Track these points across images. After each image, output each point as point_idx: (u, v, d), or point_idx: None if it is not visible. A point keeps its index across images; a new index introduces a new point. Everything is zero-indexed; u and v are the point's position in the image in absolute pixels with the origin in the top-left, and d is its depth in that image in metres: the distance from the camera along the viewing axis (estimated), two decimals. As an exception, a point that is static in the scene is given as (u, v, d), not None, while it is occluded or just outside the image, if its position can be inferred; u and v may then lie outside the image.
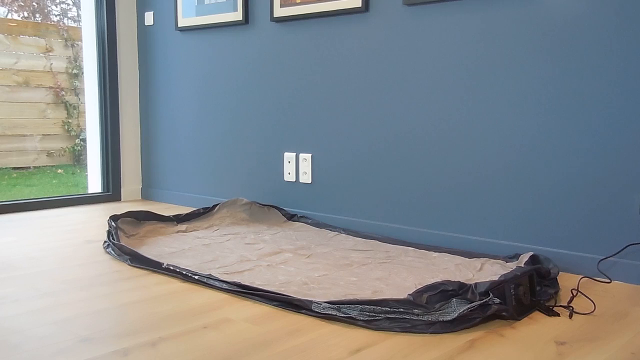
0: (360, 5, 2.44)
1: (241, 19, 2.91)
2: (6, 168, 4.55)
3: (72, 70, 4.76)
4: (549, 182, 2.02)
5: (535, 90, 2.03)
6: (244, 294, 1.69)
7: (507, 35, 2.08)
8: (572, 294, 1.59)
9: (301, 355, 1.30)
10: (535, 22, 2.01)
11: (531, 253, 1.80)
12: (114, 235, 2.25)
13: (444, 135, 2.28)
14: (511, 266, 1.92)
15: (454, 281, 1.54)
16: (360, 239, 2.41)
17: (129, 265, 2.03)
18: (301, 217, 2.73)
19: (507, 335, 1.42)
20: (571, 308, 1.55)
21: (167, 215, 2.62)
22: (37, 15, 5.14)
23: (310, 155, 2.73)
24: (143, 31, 3.45)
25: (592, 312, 1.57)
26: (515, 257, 2.01)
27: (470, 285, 1.51)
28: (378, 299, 1.50)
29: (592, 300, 1.60)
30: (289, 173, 2.81)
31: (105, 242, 2.27)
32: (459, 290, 1.49)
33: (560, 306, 1.58)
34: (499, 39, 2.10)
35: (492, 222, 2.17)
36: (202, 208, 2.78)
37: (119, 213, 2.49)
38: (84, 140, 4.59)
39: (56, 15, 5.31)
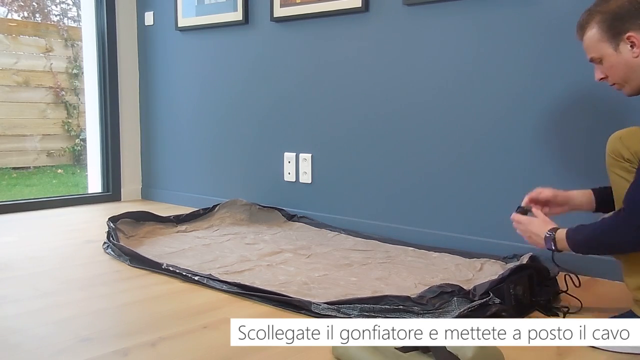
0: (360, 5, 2.44)
1: (241, 19, 2.91)
2: (6, 168, 4.56)
3: (72, 70, 4.76)
4: (548, 182, 2.02)
5: (534, 89, 2.03)
6: (244, 294, 1.69)
7: (506, 35, 2.08)
8: (572, 294, 1.59)
9: (301, 355, 1.30)
10: (533, 22, 2.01)
11: (531, 253, 1.80)
12: (113, 237, 2.25)
13: (444, 135, 2.28)
14: (511, 266, 1.92)
15: (454, 284, 1.54)
16: (360, 239, 2.41)
17: (129, 265, 2.03)
18: (301, 217, 2.73)
19: (506, 335, 1.42)
20: (567, 309, 1.55)
21: (166, 216, 2.62)
22: (37, 15, 5.14)
23: (310, 155, 2.73)
24: (143, 31, 3.45)
25: (592, 312, 1.57)
26: (515, 257, 2.01)
27: (470, 290, 1.51)
28: (377, 295, 1.51)
29: (591, 301, 1.60)
30: (289, 173, 2.81)
31: (105, 242, 2.27)
32: (459, 293, 1.50)
33: (560, 306, 1.57)
34: (497, 39, 2.10)
35: (492, 222, 2.17)
36: (202, 209, 2.78)
37: (118, 214, 2.49)
38: (84, 140, 4.59)
39: (56, 15, 5.31)
